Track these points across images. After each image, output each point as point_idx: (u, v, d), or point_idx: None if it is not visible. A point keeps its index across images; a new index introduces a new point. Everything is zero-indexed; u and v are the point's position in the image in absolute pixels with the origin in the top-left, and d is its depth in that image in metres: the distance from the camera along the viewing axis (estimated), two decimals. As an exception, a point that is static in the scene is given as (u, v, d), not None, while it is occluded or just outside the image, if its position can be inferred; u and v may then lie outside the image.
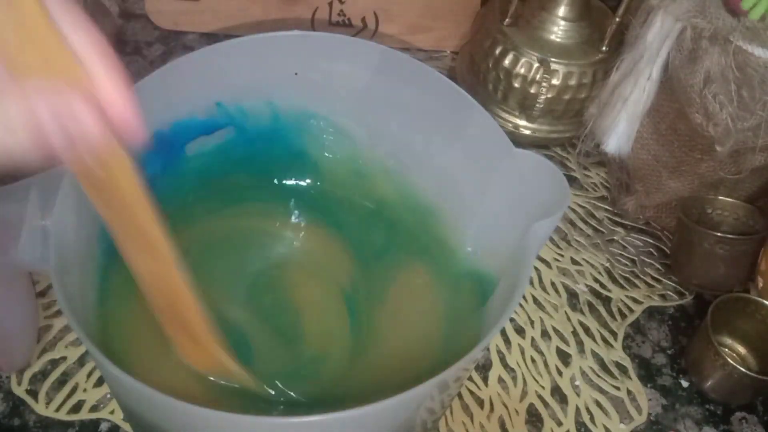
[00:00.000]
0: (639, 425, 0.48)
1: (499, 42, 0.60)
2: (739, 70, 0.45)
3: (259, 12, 0.68)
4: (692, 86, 0.47)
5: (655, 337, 0.53)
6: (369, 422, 0.31)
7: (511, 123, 0.62)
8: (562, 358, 0.50)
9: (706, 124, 0.48)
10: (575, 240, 0.58)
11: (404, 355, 0.43)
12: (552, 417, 0.47)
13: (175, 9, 0.68)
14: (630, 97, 0.52)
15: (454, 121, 0.43)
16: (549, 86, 0.59)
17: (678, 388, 0.50)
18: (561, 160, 0.64)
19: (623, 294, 0.55)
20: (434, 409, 0.38)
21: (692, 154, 0.53)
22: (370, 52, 0.44)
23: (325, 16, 0.69)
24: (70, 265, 0.35)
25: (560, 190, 0.36)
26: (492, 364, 0.49)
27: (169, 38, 0.69)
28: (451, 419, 0.46)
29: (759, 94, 0.45)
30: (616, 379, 0.50)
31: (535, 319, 0.52)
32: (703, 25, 0.46)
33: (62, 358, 0.46)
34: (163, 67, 0.41)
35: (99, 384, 0.45)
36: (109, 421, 0.44)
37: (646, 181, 0.57)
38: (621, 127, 0.54)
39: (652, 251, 0.58)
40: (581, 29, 0.60)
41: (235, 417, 0.28)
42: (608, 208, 0.61)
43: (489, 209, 0.42)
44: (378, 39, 0.69)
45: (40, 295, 0.49)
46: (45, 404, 0.44)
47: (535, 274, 0.55)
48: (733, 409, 0.49)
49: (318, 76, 0.46)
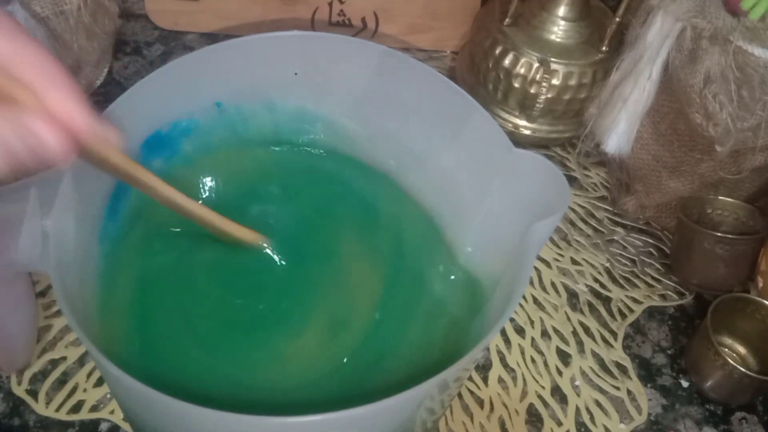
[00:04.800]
0: (639, 425, 0.48)
1: (499, 42, 0.60)
2: (739, 70, 0.45)
3: (259, 12, 0.68)
4: (692, 86, 0.47)
5: (655, 337, 0.53)
6: (369, 422, 0.31)
7: (511, 123, 0.62)
8: (562, 358, 0.50)
9: (706, 124, 0.48)
10: (575, 240, 0.58)
11: (404, 355, 0.43)
12: (552, 417, 0.47)
13: (175, 9, 0.68)
14: (630, 97, 0.52)
15: (454, 121, 0.43)
16: (549, 86, 0.59)
17: (678, 388, 0.50)
18: (561, 160, 0.64)
19: (623, 294, 0.55)
20: (434, 409, 0.38)
21: (692, 154, 0.53)
22: (370, 52, 0.44)
23: (325, 17, 0.69)
24: (70, 265, 0.35)
25: (560, 190, 0.36)
26: (492, 364, 0.49)
27: (169, 38, 0.69)
28: (451, 419, 0.46)
29: (759, 94, 0.45)
30: (616, 379, 0.50)
31: (535, 319, 0.52)
32: (703, 25, 0.46)
33: (62, 358, 0.46)
34: (163, 67, 0.41)
35: (99, 384, 0.45)
36: (109, 421, 0.44)
37: (646, 181, 0.57)
38: (621, 127, 0.54)
39: (652, 251, 0.58)
40: (581, 29, 0.60)
41: (235, 417, 0.28)
42: (608, 208, 0.61)
43: (489, 209, 0.42)
44: (378, 39, 0.69)
45: (40, 295, 0.49)
46: (45, 404, 0.44)
47: (535, 274, 0.55)
48: (733, 409, 0.49)
49: (318, 76, 0.46)
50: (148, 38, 0.69)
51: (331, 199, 0.49)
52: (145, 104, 0.41)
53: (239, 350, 0.41)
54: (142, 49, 0.68)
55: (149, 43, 0.68)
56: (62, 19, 0.53)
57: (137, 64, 0.66)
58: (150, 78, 0.40)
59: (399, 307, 0.45)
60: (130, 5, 0.70)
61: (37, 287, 0.48)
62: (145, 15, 0.69)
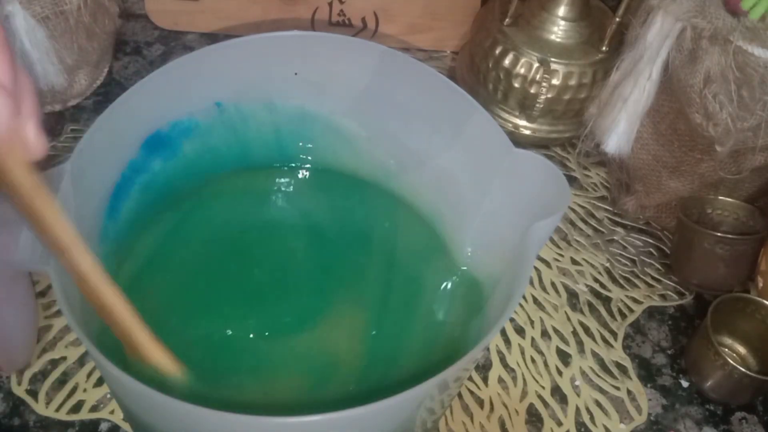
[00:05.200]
0: (639, 425, 0.48)
1: (499, 42, 0.60)
2: (739, 70, 0.45)
3: (259, 12, 0.68)
4: (692, 86, 0.47)
5: (655, 337, 0.53)
6: (369, 422, 0.31)
7: (511, 123, 0.62)
8: (562, 358, 0.50)
9: (706, 124, 0.48)
10: (575, 240, 0.58)
11: (404, 355, 0.43)
12: (552, 417, 0.47)
13: (175, 9, 0.68)
14: (630, 97, 0.52)
15: (454, 121, 0.43)
16: (549, 86, 0.59)
17: (678, 388, 0.50)
18: (561, 160, 0.64)
19: (623, 294, 0.55)
20: (434, 409, 0.38)
21: (692, 154, 0.53)
22: (370, 52, 0.44)
23: (325, 16, 0.69)
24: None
25: (560, 190, 0.36)
26: (492, 364, 0.49)
27: (169, 38, 0.69)
28: (451, 419, 0.46)
29: (759, 94, 0.45)
30: (616, 379, 0.50)
31: (535, 319, 0.52)
32: (703, 25, 0.46)
33: (62, 358, 0.46)
34: (163, 67, 0.41)
35: (99, 384, 0.45)
36: (109, 421, 0.44)
37: (646, 181, 0.57)
38: (621, 127, 0.54)
39: (652, 251, 0.58)
40: (581, 29, 0.60)
41: (234, 417, 0.28)
42: (608, 208, 0.61)
43: (489, 209, 0.42)
44: (378, 39, 0.69)
45: (40, 295, 0.49)
46: (45, 404, 0.44)
47: (535, 274, 0.55)
48: (733, 409, 0.49)
49: (318, 76, 0.46)
50: (148, 38, 0.69)
51: (323, 214, 0.50)
52: (145, 104, 0.41)
53: (232, 365, 0.41)
54: (142, 49, 0.68)
55: (149, 43, 0.68)
56: (62, 19, 0.53)
57: (137, 64, 0.66)
58: (150, 78, 0.40)
59: (399, 308, 0.45)
60: (130, 5, 0.70)
61: (37, 287, 0.48)
62: (145, 15, 0.69)
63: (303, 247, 0.48)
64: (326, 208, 0.50)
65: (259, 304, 0.44)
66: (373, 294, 0.45)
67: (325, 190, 0.50)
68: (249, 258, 0.47)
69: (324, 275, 0.46)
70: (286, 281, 0.46)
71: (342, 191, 0.50)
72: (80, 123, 0.60)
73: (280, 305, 0.45)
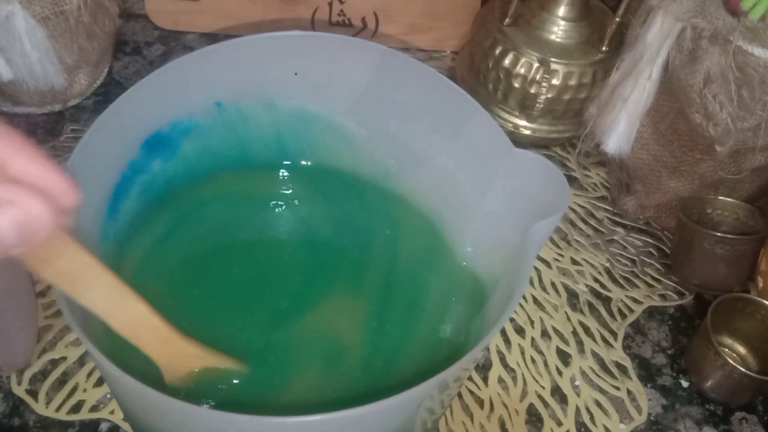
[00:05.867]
0: (639, 425, 0.48)
1: (499, 42, 0.60)
2: (739, 70, 0.45)
3: (259, 12, 0.68)
4: (692, 86, 0.47)
5: (655, 337, 0.53)
6: (369, 422, 0.31)
7: (511, 123, 0.62)
8: (562, 358, 0.50)
9: (706, 124, 0.48)
10: (575, 240, 0.58)
11: (404, 355, 0.43)
12: (552, 417, 0.47)
13: (175, 9, 0.68)
14: (630, 97, 0.52)
15: (454, 121, 0.43)
16: (549, 86, 0.59)
17: (678, 388, 0.50)
18: (561, 160, 0.64)
19: (623, 294, 0.55)
20: (434, 409, 0.38)
21: (692, 154, 0.53)
22: (370, 52, 0.44)
23: (325, 16, 0.69)
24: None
25: (560, 190, 0.36)
26: (492, 364, 0.49)
27: (169, 38, 0.69)
28: (451, 419, 0.46)
29: (759, 94, 0.45)
30: (616, 379, 0.50)
31: (535, 319, 0.52)
32: (703, 25, 0.46)
33: (62, 358, 0.46)
34: (163, 67, 0.41)
35: (99, 384, 0.45)
36: (109, 421, 0.44)
37: (646, 181, 0.57)
38: (621, 127, 0.54)
39: (652, 251, 0.58)
40: (581, 29, 0.60)
41: (234, 417, 0.28)
42: (608, 208, 0.61)
43: (489, 209, 0.42)
44: (378, 39, 0.69)
45: (40, 295, 0.49)
46: (45, 404, 0.44)
47: (535, 274, 0.55)
48: (733, 409, 0.49)
49: (318, 76, 0.46)
50: (148, 38, 0.69)
51: (323, 214, 0.50)
52: (145, 104, 0.41)
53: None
54: (142, 49, 0.68)
55: (149, 43, 0.68)
56: (62, 19, 0.53)
57: (137, 64, 0.66)
58: (150, 78, 0.40)
59: (399, 306, 0.45)
60: (130, 5, 0.70)
61: (37, 287, 0.48)
62: (145, 15, 0.69)
63: (303, 247, 0.48)
64: (326, 208, 0.50)
65: (260, 303, 0.44)
66: (373, 291, 0.45)
67: (325, 190, 0.50)
68: (249, 258, 0.47)
69: (324, 274, 0.46)
70: (287, 281, 0.46)
71: (342, 191, 0.50)
72: (80, 123, 0.60)
73: (280, 303, 0.45)
